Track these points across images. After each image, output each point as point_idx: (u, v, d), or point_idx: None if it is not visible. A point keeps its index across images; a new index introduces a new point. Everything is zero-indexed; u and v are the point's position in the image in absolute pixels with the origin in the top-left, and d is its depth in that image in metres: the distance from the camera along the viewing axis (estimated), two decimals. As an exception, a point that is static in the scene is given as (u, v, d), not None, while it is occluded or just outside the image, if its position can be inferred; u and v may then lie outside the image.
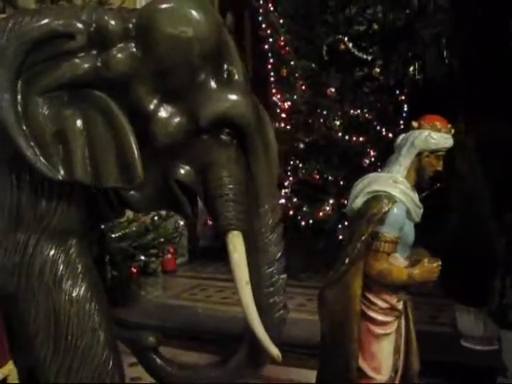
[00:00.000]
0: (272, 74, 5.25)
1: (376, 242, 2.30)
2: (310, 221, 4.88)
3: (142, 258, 4.15)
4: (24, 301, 1.86)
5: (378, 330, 2.40)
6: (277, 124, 5.41)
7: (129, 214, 4.63)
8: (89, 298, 1.90)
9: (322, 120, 4.81)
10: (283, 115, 5.35)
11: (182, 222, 4.47)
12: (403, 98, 5.17)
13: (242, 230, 1.94)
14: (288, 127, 5.39)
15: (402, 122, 5.10)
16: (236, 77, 1.88)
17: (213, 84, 1.85)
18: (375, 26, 4.59)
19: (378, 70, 4.56)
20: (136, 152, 1.78)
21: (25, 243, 1.87)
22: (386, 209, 2.29)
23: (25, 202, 1.85)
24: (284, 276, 2.06)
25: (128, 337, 2.16)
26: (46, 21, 1.77)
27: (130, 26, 1.80)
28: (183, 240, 5.84)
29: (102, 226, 3.97)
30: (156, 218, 4.47)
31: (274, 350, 1.96)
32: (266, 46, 5.15)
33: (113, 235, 4.30)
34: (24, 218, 1.87)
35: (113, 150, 1.80)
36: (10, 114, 1.72)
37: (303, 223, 4.91)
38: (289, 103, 5.27)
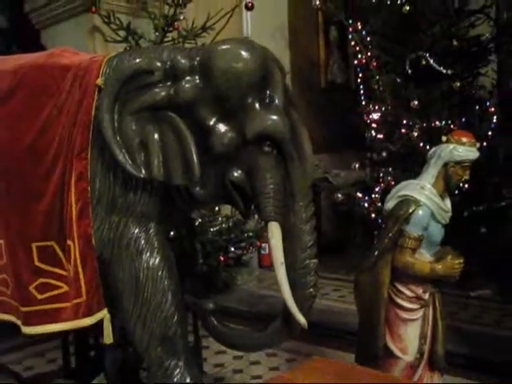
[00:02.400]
0: (362, 86, 5.62)
1: (401, 238, 2.63)
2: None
3: (233, 249, 4.75)
4: (115, 265, 2.44)
5: (405, 315, 2.69)
6: (368, 134, 5.79)
7: (227, 211, 5.27)
8: (161, 267, 2.42)
9: (403, 130, 5.09)
10: (374, 125, 5.70)
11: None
12: (493, 109, 5.28)
13: (279, 221, 2.36)
14: (379, 137, 5.72)
15: (490, 133, 5.22)
16: (276, 101, 2.33)
17: (257, 106, 2.31)
18: (455, 42, 4.78)
19: (458, 84, 4.74)
20: (195, 158, 2.29)
21: (117, 223, 2.39)
22: (411, 210, 2.60)
23: (118, 193, 2.42)
24: (315, 260, 2.43)
25: (193, 301, 2.72)
26: (136, 61, 2.37)
27: (195, 63, 2.33)
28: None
29: (199, 220, 4.66)
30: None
31: (302, 319, 2.32)
32: (356, 61, 5.55)
33: (211, 229, 4.97)
34: (117, 204, 2.38)
35: (179, 156, 2.33)
36: (109, 129, 2.32)
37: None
38: (378, 114, 5.60)
